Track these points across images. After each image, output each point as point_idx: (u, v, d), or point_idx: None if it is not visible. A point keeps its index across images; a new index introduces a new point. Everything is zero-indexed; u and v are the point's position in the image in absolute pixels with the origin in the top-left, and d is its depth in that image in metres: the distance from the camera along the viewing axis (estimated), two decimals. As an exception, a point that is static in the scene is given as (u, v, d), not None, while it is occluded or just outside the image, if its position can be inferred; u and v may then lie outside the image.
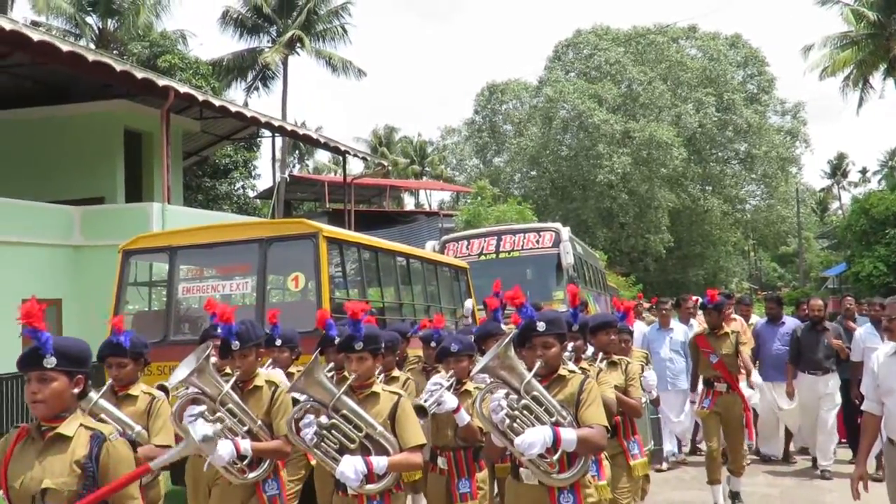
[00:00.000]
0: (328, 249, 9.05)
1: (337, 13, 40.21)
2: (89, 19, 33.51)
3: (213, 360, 5.63)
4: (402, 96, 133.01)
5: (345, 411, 4.44)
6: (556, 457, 4.17)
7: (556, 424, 4.21)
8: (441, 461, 5.95)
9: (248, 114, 21.70)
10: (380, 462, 4.36)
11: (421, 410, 5.31)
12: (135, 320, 9.68)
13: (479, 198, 35.01)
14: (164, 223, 16.49)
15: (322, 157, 63.43)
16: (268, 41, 39.11)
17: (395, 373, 6.61)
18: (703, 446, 10.05)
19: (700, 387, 8.97)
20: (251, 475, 5.03)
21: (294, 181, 39.66)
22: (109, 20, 33.21)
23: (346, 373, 6.38)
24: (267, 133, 26.35)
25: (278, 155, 33.59)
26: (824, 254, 53.09)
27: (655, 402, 7.72)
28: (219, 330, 5.44)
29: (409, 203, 55.50)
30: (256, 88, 38.94)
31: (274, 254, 9.12)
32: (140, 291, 10.50)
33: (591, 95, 44.15)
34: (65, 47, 15.48)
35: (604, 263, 30.57)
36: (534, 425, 4.16)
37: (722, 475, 8.76)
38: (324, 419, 4.44)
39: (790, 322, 11.17)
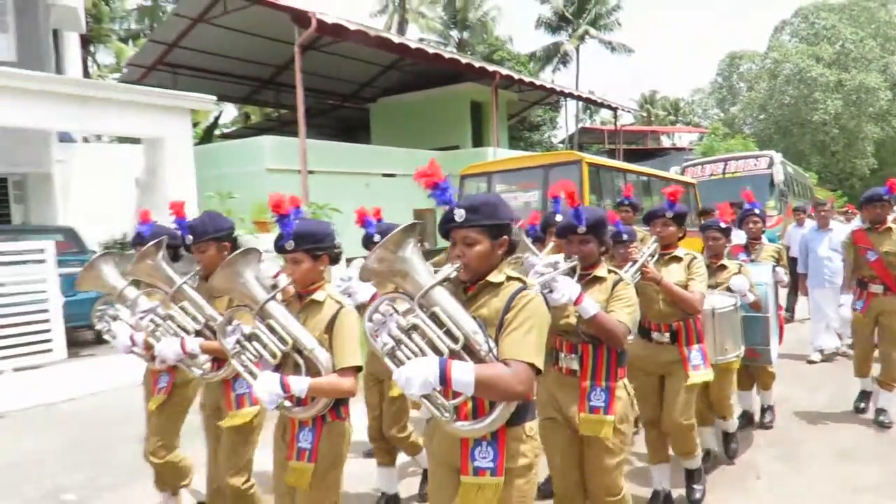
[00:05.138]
0: (588, 171, 9.03)
1: (614, 9, 38.40)
2: (453, 32, 34.70)
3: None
4: (662, 66, 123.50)
5: (270, 321, 2.61)
6: (454, 401, 2.13)
7: (468, 352, 2.11)
8: None
9: (549, 86, 21.54)
10: (298, 384, 2.48)
11: None
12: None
13: (713, 135, 32.12)
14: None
15: (606, 114, 61.23)
16: (566, 35, 38.10)
17: None
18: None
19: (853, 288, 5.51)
20: (219, 373, 3.25)
21: (584, 131, 38.82)
22: (465, 31, 34.18)
23: None
24: (563, 99, 26.00)
25: (573, 112, 33.02)
26: None
27: (754, 306, 4.49)
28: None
29: (666, 143, 52.11)
30: (558, 69, 38.12)
31: (553, 175, 9.15)
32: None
33: (810, 55, 38.36)
34: (430, 51, 16.08)
35: (814, 182, 27.13)
36: (425, 354, 2.11)
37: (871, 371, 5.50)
38: (247, 327, 2.65)
39: None
